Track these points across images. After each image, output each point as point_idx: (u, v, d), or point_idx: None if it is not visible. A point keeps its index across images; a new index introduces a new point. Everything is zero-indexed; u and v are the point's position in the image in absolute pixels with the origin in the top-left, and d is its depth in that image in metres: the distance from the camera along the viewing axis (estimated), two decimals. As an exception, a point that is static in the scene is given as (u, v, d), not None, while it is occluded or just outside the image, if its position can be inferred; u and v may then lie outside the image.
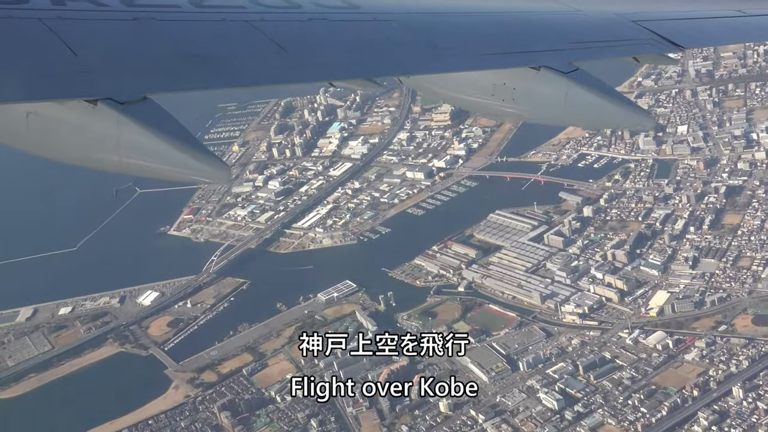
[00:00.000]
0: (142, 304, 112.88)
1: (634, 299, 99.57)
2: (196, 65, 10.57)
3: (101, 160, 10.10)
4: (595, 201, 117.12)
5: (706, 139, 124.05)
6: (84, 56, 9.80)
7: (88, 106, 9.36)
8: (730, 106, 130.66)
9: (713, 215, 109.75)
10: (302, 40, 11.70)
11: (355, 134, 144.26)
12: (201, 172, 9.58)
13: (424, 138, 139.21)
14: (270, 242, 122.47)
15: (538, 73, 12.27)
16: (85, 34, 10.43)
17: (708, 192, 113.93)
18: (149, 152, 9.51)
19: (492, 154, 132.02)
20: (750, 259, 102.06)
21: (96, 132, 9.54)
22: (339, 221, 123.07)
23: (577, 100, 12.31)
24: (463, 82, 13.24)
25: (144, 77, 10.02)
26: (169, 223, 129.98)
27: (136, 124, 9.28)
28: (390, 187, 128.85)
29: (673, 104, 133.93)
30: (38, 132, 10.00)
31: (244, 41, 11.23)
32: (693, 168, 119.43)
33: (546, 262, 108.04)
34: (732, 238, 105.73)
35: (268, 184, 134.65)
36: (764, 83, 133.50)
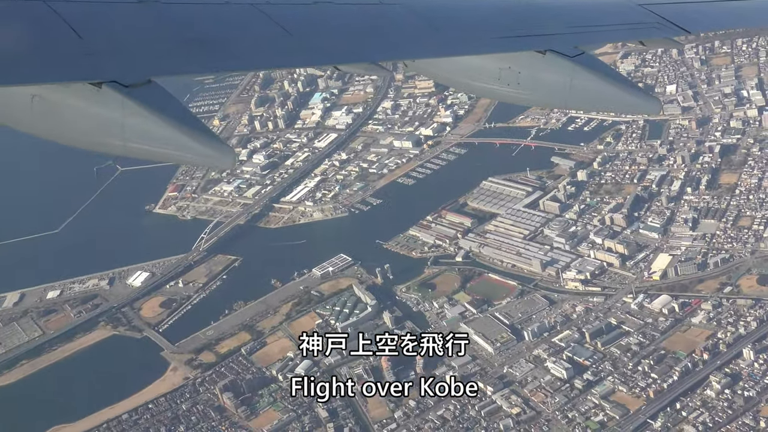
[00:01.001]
0: (133, 285, 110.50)
1: (636, 263, 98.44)
2: (201, 49, 10.54)
3: (105, 143, 10.14)
4: (589, 164, 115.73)
5: (696, 98, 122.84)
6: (89, 39, 9.82)
7: (92, 89, 9.38)
8: (718, 63, 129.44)
9: (709, 175, 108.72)
10: (307, 24, 11.66)
11: (337, 104, 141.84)
12: (205, 156, 9.57)
13: (409, 106, 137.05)
14: (259, 217, 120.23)
15: (543, 57, 12.28)
16: (89, 17, 10.40)
17: (702, 152, 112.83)
18: (153, 136, 9.52)
19: (479, 121, 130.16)
20: (750, 219, 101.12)
21: (100, 115, 9.56)
22: (328, 194, 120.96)
23: (583, 85, 12.28)
24: (468, 66, 13.13)
25: (149, 60, 10.01)
26: (154, 201, 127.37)
27: (141, 107, 9.33)
28: (378, 157, 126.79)
29: (659, 63, 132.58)
30: (43, 115, 9.99)
31: (249, 25, 11.22)
32: (685, 128, 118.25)
33: (543, 228, 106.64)
34: (730, 197, 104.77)
35: (252, 158, 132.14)
36: (750, 39, 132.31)
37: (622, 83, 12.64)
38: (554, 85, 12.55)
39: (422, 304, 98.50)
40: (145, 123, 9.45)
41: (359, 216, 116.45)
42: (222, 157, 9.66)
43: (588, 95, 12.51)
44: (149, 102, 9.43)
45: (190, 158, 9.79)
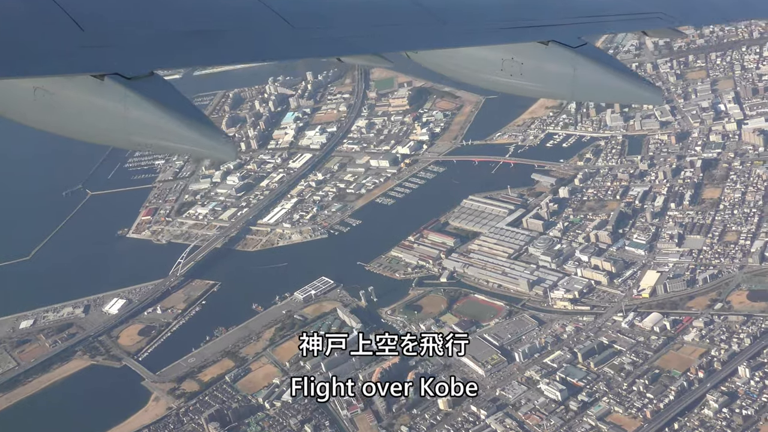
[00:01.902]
0: (109, 313, 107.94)
1: (624, 281, 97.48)
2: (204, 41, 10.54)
3: (108, 136, 10.11)
4: (570, 181, 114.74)
5: (674, 113, 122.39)
6: (91, 31, 9.80)
7: (95, 81, 9.33)
8: (693, 77, 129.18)
9: (692, 190, 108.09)
10: (310, 16, 11.58)
11: (310, 123, 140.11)
12: (207, 147, 9.51)
13: (383, 124, 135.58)
14: (236, 240, 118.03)
15: (546, 47, 12.27)
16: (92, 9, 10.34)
17: (683, 166, 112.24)
18: (156, 127, 9.50)
19: (456, 138, 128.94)
20: (736, 233, 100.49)
21: (103, 107, 9.51)
22: (306, 215, 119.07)
23: (586, 75, 12.27)
24: (471, 57, 13.01)
25: (151, 53, 9.97)
26: (127, 226, 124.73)
27: (143, 100, 9.30)
28: (355, 176, 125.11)
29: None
30: (45, 107, 9.91)
31: (252, 16, 11.15)
32: (664, 143, 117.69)
33: (528, 246, 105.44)
34: (714, 212, 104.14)
35: (226, 180, 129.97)
36: (724, 53, 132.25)
37: (625, 73, 12.63)
38: (557, 75, 12.53)
39: (408, 327, 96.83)
40: (148, 115, 9.46)
41: (339, 237, 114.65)
42: (224, 148, 9.61)
43: (591, 85, 12.52)
44: (151, 94, 9.42)
45: (192, 150, 9.77)
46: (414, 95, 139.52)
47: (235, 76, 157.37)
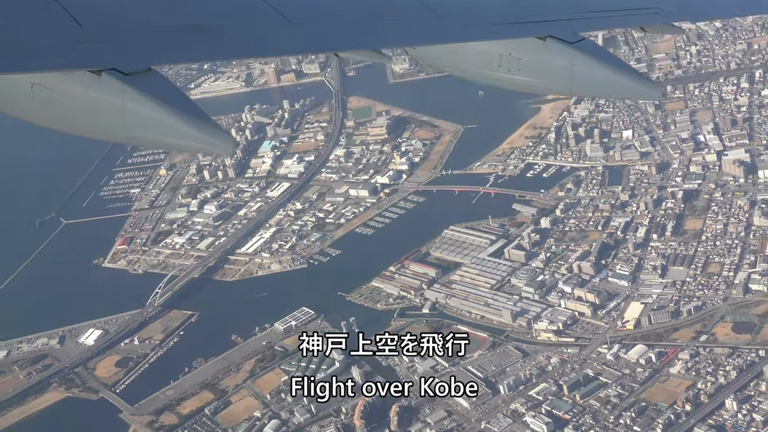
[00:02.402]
0: (85, 344, 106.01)
1: (608, 312, 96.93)
2: (201, 37, 10.59)
3: (105, 131, 10.24)
4: (551, 211, 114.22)
5: (654, 143, 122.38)
6: (88, 27, 9.85)
7: (92, 76, 9.39)
8: (672, 108, 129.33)
9: (674, 221, 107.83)
10: (308, 11, 11.61)
11: (288, 152, 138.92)
12: (205, 143, 9.62)
13: (362, 153, 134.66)
14: (214, 270, 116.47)
15: (544, 43, 12.39)
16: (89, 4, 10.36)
17: (665, 197, 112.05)
18: (153, 123, 9.54)
19: (436, 168, 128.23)
20: (719, 265, 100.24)
21: (100, 102, 9.54)
22: (285, 245, 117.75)
23: (584, 70, 12.39)
24: (469, 52, 13.15)
25: (148, 48, 10.05)
26: (102, 255, 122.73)
27: (140, 95, 9.39)
28: (334, 206, 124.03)
29: (613, 109, 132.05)
30: (43, 103, 9.95)
31: (250, 12, 11.17)
32: (645, 173, 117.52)
33: (510, 277, 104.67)
34: (697, 243, 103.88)
35: (203, 209, 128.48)
36: (702, 84, 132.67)
37: (623, 69, 12.75)
38: (555, 71, 12.64)
39: (392, 359, 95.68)
40: (145, 110, 9.47)
41: (319, 267, 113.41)
42: (221, 144, 9.71)
43: (588, 81, 12.66)
44: (149, 89, 9.46)
45: (189, 145, 9.74)
46: (392, 124, 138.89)
47: (211, 104, 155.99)
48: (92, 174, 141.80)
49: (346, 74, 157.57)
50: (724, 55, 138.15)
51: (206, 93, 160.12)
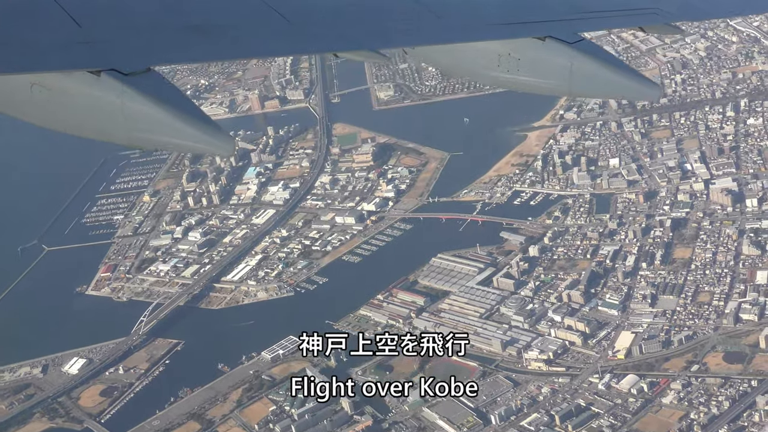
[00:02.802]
0: (69, 373, 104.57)
1: (598, 341, 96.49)
2: (200, 37, 10.60)
3: (105, 131, 10.25)
4: (539, 239, 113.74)
5: (641, 172, 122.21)
6: (88, 27, 9.92)
7: (92, 77, 9.42)
8: (658, 136, 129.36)
9: (663, 250, 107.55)
10: (307, 12, 11.65)
11: (273, 179, 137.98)
12: (204, 142, 9.58)
13: (348, 180, 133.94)
14: (200, 298, 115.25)
15: (543, 43, 12.39)
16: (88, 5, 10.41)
17: (653, 225, 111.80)
18: (153, 123, 9.54)
19: (422, 195, 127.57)
20: (709, 294, 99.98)
21: (100, 103, 9.56)
22: (271, 272, 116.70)
23: (583, 71, 12.36)
24: (468, 53, 13.18)
25: (148, 48, 10.09)
26: (86, 283, 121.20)
27: (140, 95, 9.42)
28: (320, 233, 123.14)
29: (599, 137, 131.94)
30: (42, 103, 9.99)
31: (249, 13, 11.19)
32: (632, 201, 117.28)
33: (499, 306, 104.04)
34: (686, 272, 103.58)
35: (188, 236, 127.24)
36: (687, 112, 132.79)
37: (623, 69, 12.72)
38: (554, 71, 12.60)
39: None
40: (145, 111, 9.47)
41: (306, 295, 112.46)
42: (221, 144, 9.66)
43: (588, 81, 12.59)
44: (148, 90, 9.46)
45: (189, 145, 9.74)
46: (378, 151, 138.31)
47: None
48: (74, 200, 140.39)
49: (330, 101, 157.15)
50: (709, 84, 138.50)
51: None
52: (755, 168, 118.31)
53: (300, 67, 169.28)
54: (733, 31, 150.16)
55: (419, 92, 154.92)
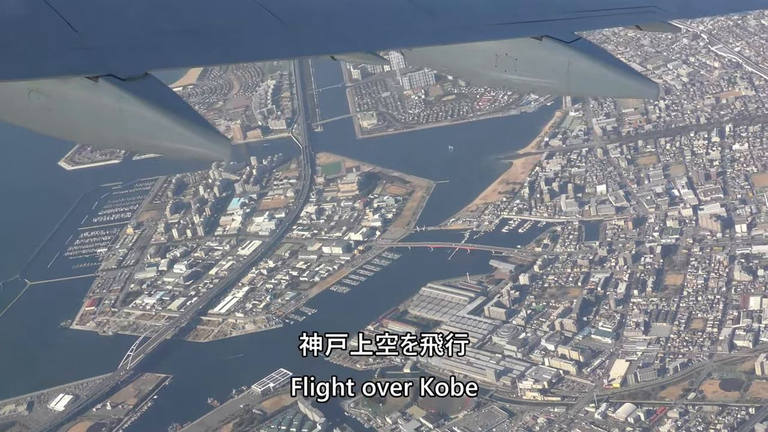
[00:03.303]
0: (55, 410, 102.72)
1: (593, 370, 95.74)
2: (197, 40, 10.64)
3: (104, 137, 10.42)
4: (529, 268, 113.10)
5: (628, 198, 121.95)
6: (84, 33, 9.88)
7: (89, 82, 9.41)
8: (645, 162, 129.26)
9: (654, 276, 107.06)
10: (303, 14, 11.66)
11: (258, 209, 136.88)
12: (203, 146, 9.54)
13: (333, 210, 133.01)
14: (187, 331, 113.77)
15: (540, 43, 12.43)
16: (85, 10, 10.39)
17: (643, 252, 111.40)
18: (151, 128, 9.53)
19: (409, 224, 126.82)
20: (702, 321, 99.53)
21: (98, 109, 9.55)
22: (259, 304, 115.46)
23: (580, 70, 12.40)
24: (465, 53, 13.20)
25: (145, 53, 10.06)
26: (70, 317, 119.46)
27: (138, 100, 9.39)
28: (307, 264, 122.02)
29: (586, 163, 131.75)
30: (40, 109, 9.95)
31: (245, 15, 11.19)
32: (621, 228, 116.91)
33: (492, 335, 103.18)
34: (679, 299, 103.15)
35: (173, 268, 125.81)
36: (673, 138, 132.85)
37: (620, 67, 12.74)
38: (552, 70, 12.67)
39: (374, 420, 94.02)
40: (143, 115, 9.46)
41: (295, 327, 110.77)
42: (220, 148, 9.64)
43: (585, 80, 12.63)
44: (146, 95, 9.46)
45: (188, 149, 9.70)
46: (363, 180, 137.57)
47: (178, 161, 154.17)
48: (56, 233, 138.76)
49: (313, 130, 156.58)
50: (693, 110, 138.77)
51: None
52: (743, 193, 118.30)
53: (282, 96, 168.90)
54: (715, 57, 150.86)
55: (402, 120, 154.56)
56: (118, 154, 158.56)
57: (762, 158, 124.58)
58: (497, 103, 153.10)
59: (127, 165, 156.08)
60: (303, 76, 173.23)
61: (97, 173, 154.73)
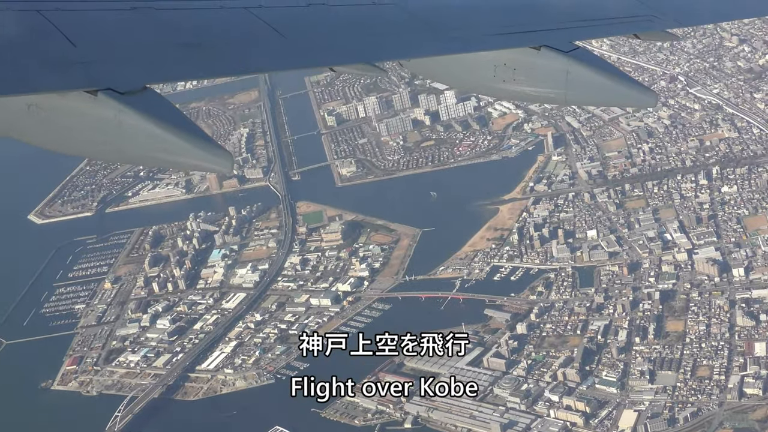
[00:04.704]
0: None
1: (600, 421, 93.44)
2: (196, 54, 10.77)
3: (103, 151, 10.65)
4: (525, 316, 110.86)
5: (620, 243, 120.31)
6: (83, 47, 10.07)
7: (88, 96, 9.51)
8: (633, 206, 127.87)
9: (654, 323, 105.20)
10: (301, 27, 11.84)
11: (240, 261, 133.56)
12: (203, 159, 9.64)
13: (318, 260, 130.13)
14: (175, 389, 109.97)
15: (538, 52, 12.50)
16: (83, 24, 10.58)
17: (641, 298, 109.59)
18: (150, 141, 9.63)
19: (398, 273, 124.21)
20: (708, 368, 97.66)
21: (97, 123, 9.63)
22: (249, 359, 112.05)
23: (579, 79, 12.39)
24: (464, 63, 13.19)
25: (143, 67, 10.22)
26: (51, 377, 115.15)
27: (137, 114, 9.48)
28: (296, 316, 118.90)
29: (574, 208, 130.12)
30: (40, 124, 10.06)
31: (243, 29, 11.42)
32: (616, 274, 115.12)
33: (493, 387, 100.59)
34: (682, 346, 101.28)
35: (156, 323, 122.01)
36: (660, 181, 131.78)
37: (619, 76, 12.75)
38: (550, 80, 12.66)
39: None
40: (142, 129, 9.48)
41: (288, 382, 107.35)
42: (220, 161, 9.69)
43: (584, 89, 12.59)
44: (145, 108, 9.50)
45: (189, 162, 9.77)
46: (347, 229, 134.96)
47: (152, 213, 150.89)
48: (30, 289, 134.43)
49: (290, 179, 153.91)
50: (678, 152, 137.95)
51: (145, 201, 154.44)
52: (736, 236, 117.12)
53: (256, 144, 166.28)
54: (694, 99, 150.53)
55: (382, 167, 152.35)
56: (90, 207, 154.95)
57: (752, 200, 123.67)
58: (477, 148, 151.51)
59: (100, 218, 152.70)
60: (276, 124, 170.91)
61: (69, 226, 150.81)
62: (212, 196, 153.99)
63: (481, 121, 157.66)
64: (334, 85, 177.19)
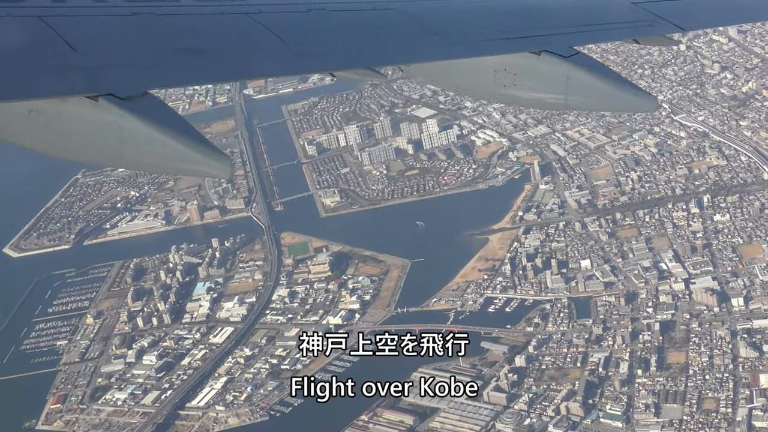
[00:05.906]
0: None
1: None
2: (197, 59, 10.82)
3: (104, 157, 10.77)
4: (523, 348, 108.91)
5: (615, 273, 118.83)
6: (84, 53, 10.07)
7: (89, 102, 9.60)
8: (625, 235, 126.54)
9: (656, 355, 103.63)
10: (302, 32, 11.92)
11: (225, 294, 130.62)
12: (203, 164, 9.81)
13: (307, 293, 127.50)
14: (165, 427, 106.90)
15: (538, 57, 12.69)
16: (84, 30, 10.65)
17: (640, 329, 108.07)
18: (151, 146, 9.75)
19: (389, 305, 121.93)
20: (714, 401, 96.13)
21: (98, 128, 9.76)
22: (240, 395, 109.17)
23: (579, 84, 12.63)
24: (464, 68, 13.32)
25: (144, 72, 10.31)
26: (35, 417, 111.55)
27: (138, 119, 9.59)
28: (286, 350, 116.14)
29: (565, 238, 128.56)
30: (41, 129, 10.12)
31: (244, 34, 11.52)
32: (613, 304, 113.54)
33: (495, 422, 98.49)
34: (686, 378, 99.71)
35: (142, 359, 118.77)
36: (651, 210, 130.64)
37: (619, 81, 12.89)
38: (550, 85, 12.80)
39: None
40: (143, 134, 9.60)
41: (281, 419, 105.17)
42: (220, 166, 9.78)
43: (584, 94, 12.71)
44: (146, 113, 9.57)
45: (189, 168, 9.99)
46: (334, 260, 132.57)
47: (132, 245, 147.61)
48: (9, 326, 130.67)
49: (273, 209, 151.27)
50: (667, 180, 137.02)
51: (124, 233, 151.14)
52: (732, 266, 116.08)
53: (236, 174, 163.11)
54: (680, 126, 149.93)
55: (366, 197, 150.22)
56: (67, 240, 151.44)
57: (746, 229, 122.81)
58: (463, 177, 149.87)
59: (78, 250, 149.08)
60: (256, 153, 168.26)
61: (47, 259, 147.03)
62: (193, 228, 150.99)
63: (464, 149, 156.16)
64: (313, 114, 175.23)
